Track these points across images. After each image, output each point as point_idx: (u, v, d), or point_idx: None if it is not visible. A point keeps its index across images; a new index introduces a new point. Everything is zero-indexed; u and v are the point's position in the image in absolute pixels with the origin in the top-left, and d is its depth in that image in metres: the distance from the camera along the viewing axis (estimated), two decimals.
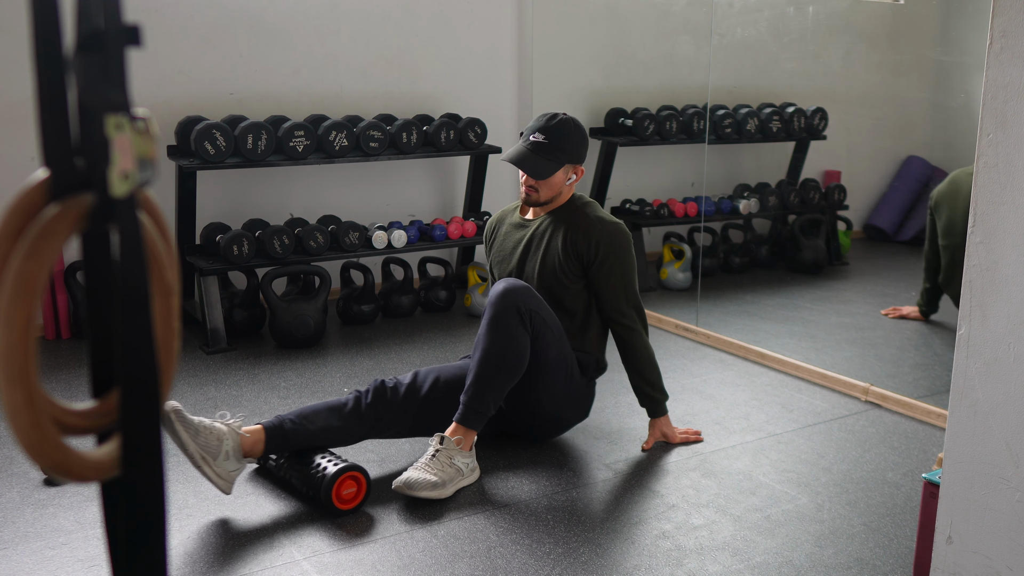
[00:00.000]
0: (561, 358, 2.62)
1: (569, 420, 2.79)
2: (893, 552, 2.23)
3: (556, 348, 2.59)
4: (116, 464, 0.75)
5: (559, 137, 2.68)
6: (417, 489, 2.38)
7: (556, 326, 2.60)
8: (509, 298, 2.49)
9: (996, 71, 1.63)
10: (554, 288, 2.73)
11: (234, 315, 3.84)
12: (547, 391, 2.64)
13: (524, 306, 2.50)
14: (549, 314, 2.58)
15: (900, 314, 4.22)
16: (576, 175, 2.76)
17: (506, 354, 2.49)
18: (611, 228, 2.71)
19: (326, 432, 2.48)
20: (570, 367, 2.66)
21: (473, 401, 2.50)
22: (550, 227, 2.77)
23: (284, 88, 4.19)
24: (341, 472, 2.34)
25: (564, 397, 2.69)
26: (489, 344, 2.49)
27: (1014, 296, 1.64)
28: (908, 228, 5.71)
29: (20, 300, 0.69)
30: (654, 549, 2.23)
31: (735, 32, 5.16)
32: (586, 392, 2.78)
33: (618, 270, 2.71)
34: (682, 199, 5.03)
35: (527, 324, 2.51)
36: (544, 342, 2.56)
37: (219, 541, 2.24)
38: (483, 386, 2.49)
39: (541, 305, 2.56)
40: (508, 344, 2.48)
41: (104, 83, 0.69)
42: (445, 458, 2.46)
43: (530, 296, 2.53)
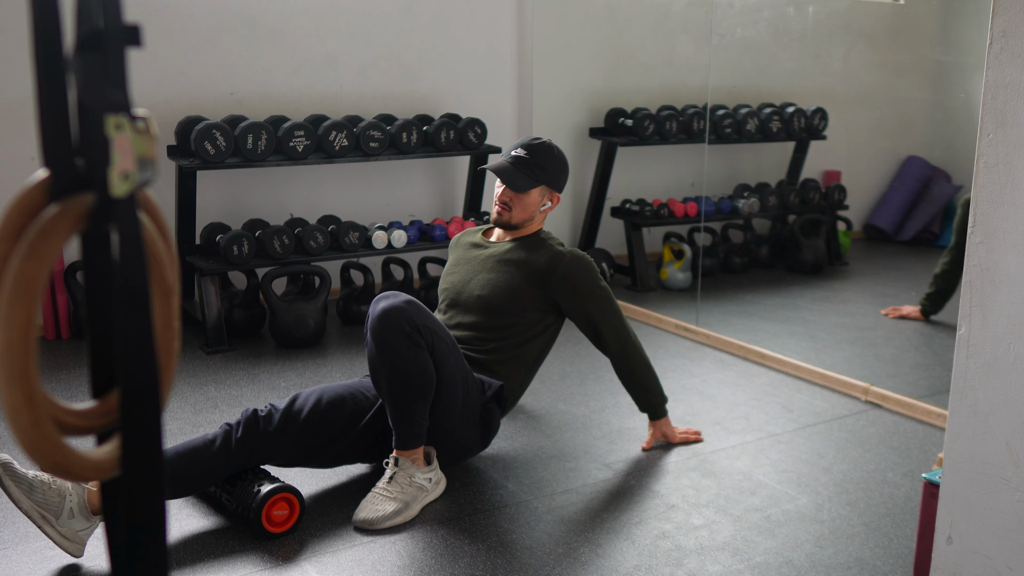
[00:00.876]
0: (458, 372, 2.43)
1: (467, 444, 2.56)
2: (893, 552, 2.23)
3: (452, 362, 2.40)
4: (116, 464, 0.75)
5: (541, 156, 2.66)
6: (380, 523, 2.30)
7: (448, 339, 2.42)
8: (390, 320, 2.29)
9: (996, 71, 1.63)
10: (497, 311, 2.63)
11: (234, 315, 3.84)
12: (445, 407, 2.43)
13: (409, 324, 2.29)
14: (438, 325, 2.40)
15: (900, 314, 4.22)
16: (551, 202, 2.72)
17: (409, 376, 2.31)
18: (579, 261, 2.64)
19: (193, 477, 2.27)
20: (467, 383, 2.47)
21: (403, 426, 2.36)
22: (512, 252, 2.68)
23: (284, 88, 4.19)
24: (272, 494, 2.23)
25: (461, 416, 2.47)
26: (388, 373, 2.31)
27: (1014, 296, 1.64)
28: (908, 228, 5.71)
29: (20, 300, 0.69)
30: (654, 549, 2.23)
31: (735, 32, 5.16)
32: (484, 415, 2.56)
33: (594, 305, 2.64)
34: (682, 199, 5.03)
35: (418, 340, 2.31)
36: (440, 355, 2.36)
37: (219, 541, 2.24)
38: (404, 413, 2.35)
39: (427, 317, 2.36)
40: (407, 367, 2.30)
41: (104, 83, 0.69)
42: (404, 478, 2.37)
43: (414, 310, 2.33)
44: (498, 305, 2.63)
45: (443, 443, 2.50)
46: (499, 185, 2.69)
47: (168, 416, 2.98)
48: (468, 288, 2.69)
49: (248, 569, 2.12)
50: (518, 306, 2.63)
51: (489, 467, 2.67)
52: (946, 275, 4.02)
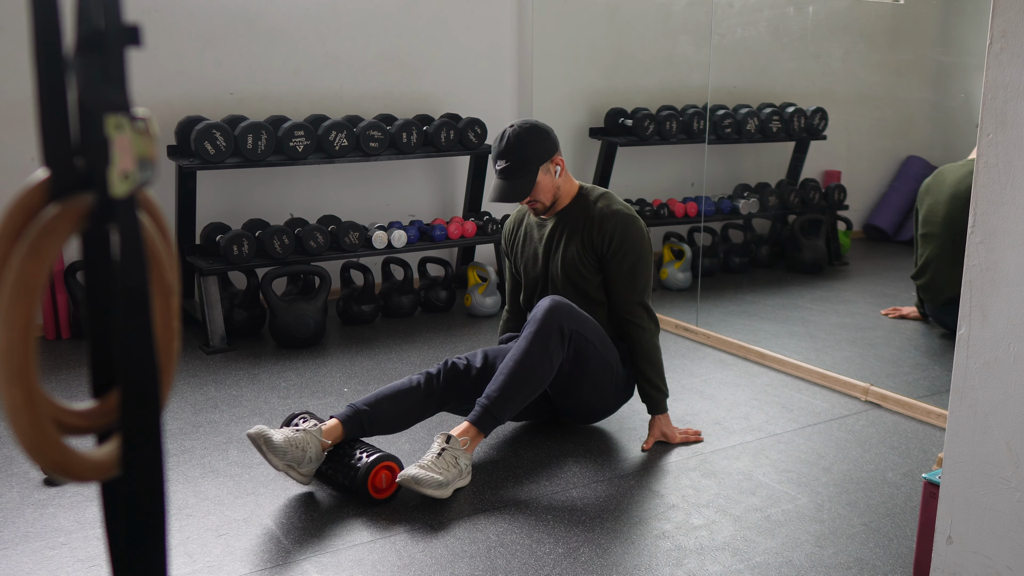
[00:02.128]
0: (603, 364, 2.68)
1: (616, 407, 2.89)
2: (893, 552, 2.23)
3: (597, 358, 2.66)
4: (116, 464, 0.75)
5: (517, 152, 2.69)
6: (424, 486, 2.38)
7: (599, 335, 2.67)
8: (554, 316, 2.56)
9: (996, 71, 1.63)
10: (578, 282, 2.79)
11: (234, 315, 3.84)
12: (592, 393, 2.74)
13: (567, 326, 2.56)
14: (591, 327, 2.65)
15: (900, 314, 4.22)
16: (559, 165, 2.76)
17: (538, 368, 2.54)
18: (625, 221, 2.74)
19: (401, 416, 2.60)
20: (614, 368, 2.73)
21: (494, 406, 2.53)
22: (567, 224, 2.81)
23: (284, 88, 4.19)
24: (377, 462, 2.40)
25: (610, 394, 2.79)
26: (525, 355, 2.54)
27: (1014, 296, 1.64)
28: (908, 228, 5.71)
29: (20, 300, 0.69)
30: (654, 549, 2.23)
31: (735, 32, 5.16)
32: (627, 380, 2.84)
33: (629, 263, 2.74)
34: (682, 199, 5.03)
35: (566, 344, 2.57)
36: (585, 356, 2.62)
37: (219, 541, 2.24)
38: (508, 393, 2.53)
39: (583, 322, 2.62)
40: (543, 359, 2.54)
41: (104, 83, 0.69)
42: (451, 457, 2.46)
43: (573, 315, 2.60)
44: (576, 279, 2.79)
45: (597, 413, 2.86)
46: None
47: (168, 416, 2.98)
48: (550, 274, 2.86)
49: (248, 569, 2.12)
50: (587, 271, 2.78)
51: (489, 467, 2.67)
52: None
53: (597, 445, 2.84)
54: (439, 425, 2.87)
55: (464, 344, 3.83)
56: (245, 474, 2.59)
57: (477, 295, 4.22)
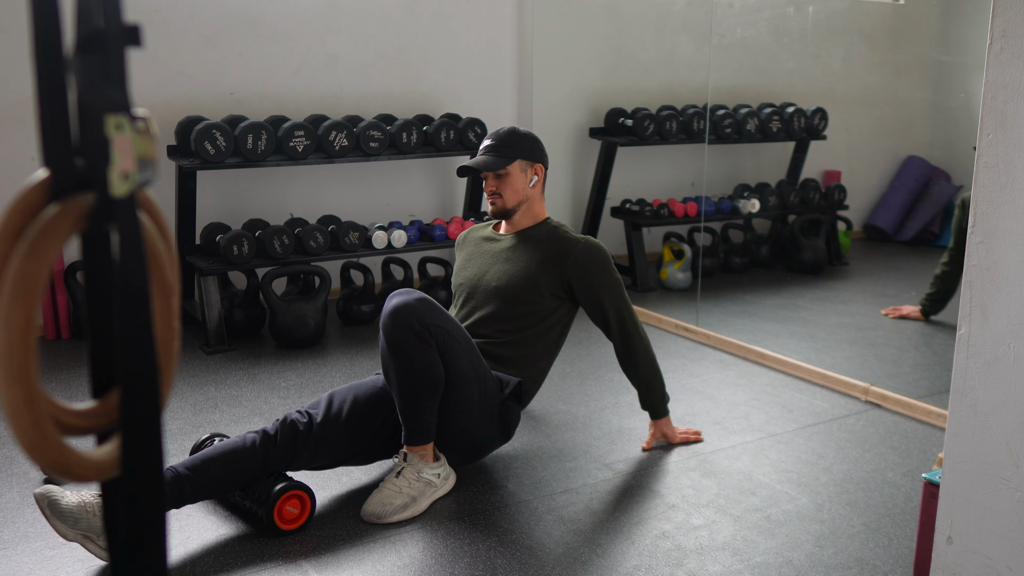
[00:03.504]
0: (473, 369, 2.43)
1: (486, 441, 2.57)
2: (893, 552, 2.23)
3: (466, 359, 2.40)
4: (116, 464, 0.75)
5: (506, 138, 2.70)
6: (388, 517, 2.32)
7: (462, 336, 2.42)
8: (400, 317, 2.29)
9: (996, 71, 1.63)
10: (516, 301, 2.64)
11: (234, 315, 3.84)
12: (460, 404, 2.43)
13: (419, 322, 2.29)
14: (452, 323, 2.40)
15: (900, 314, 4.22)
16: (537, 175, 2.73)
17: (418, 374, 2.32)
18: (591, 245, 2.67)
19: (233, 481, 2.28)
20: (484, 381, 2.47)
21: (411, 423, 2.38)
22: (523, 243, 2.72)
23: (284, 88, 4.19)
24: (283, 492, 2.25)
25: (479, 413, 2.48)
26: (397, 370, 2.32)
27: (1014, 296, 1.64)
28: (908, 228, 5.71)
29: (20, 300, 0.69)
30: (654, 549, 2.23)
31: (735, 32, 5.16)
32: (503, 412, 2.56)
33: (605, 291, 2.66)
34: (682, 199, 5.03)
35: (427, 339, 2.31)
36: (452, 353, 2.36)
37: (219, 541, 2.24)
38: (412, 408, 2.36)
39: (439, 315, 2.36)
40: (415, 365, 2.31)
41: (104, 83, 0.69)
42: (412, 473, 2.38)
43: (425, 308, 2.32)
44: (516, 293, 2.65)
45: (461, 441, 2.50)
46: (484, 181, 2.74)
47: (168, 416, 2.98)
48: (485, 280, 2.72)
49: (248, 569, 2.12)
50: (535, 292, 2.64)
51: (489, 467, 2.67)
52: (946, 276, 4.02)
53: (597, 445, 2.84)
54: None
55: None
56: None
57: None
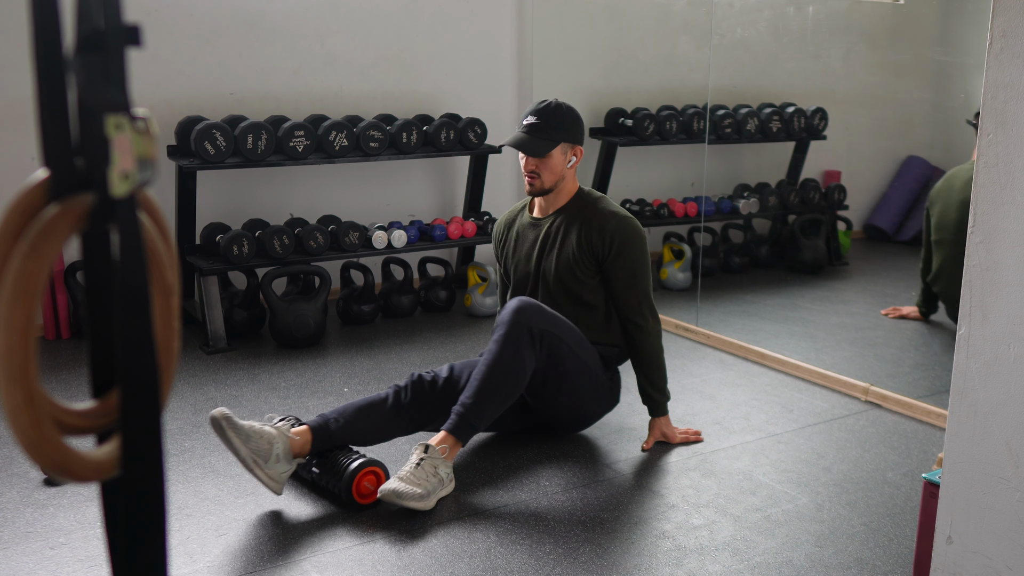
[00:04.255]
0: (580, 365, 2.64)
1: (599, 413, 2.84)
2: (893, 552, 2.23)
3: (573, 359, 2.61)
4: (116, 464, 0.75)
5: (552, 117, 2.71)
6: (405, 499, 2.35)
7: (572, 335, 2.62)
8: (522, 318, 2.52)
9: (996, 71, 1.63)
10: (571, 285, 2.76)
11: (234, 315, 3.84)
12: (571, 397, 2.69)
13: (536, 326, 2.52)
14: (563, 326, 2.60)
15: (900, 314, 4.22)
16: (576, 156, 2.77)
17: (511, 372, 2.50)
18: (625, 222, 2.73)
19: (369, 429, 2.54)
20: (592, 370, 2.68)
21: (470, 413, 2.49)
22: (563, 224, 2.79)
23: (284, 88, 4.19)
24: (361, 468, 2.38)
25: (590, 398, 2.74)
26: (497, 359, 2.50)
27: (1014, 296, 1.64)
28: (908, 228, 5.71)
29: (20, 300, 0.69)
30: (654, 549, 2.23)
31: (735, 32, 5.16)
32: (611, 386, 2.82)
33: (630, 265, 2.73)
34: (682, 199, 5.03)
35: (537, 345, 2.53)
36: (559, 356, 2.58)
37: (219, 541, 2.24)
38: (483, 400, 2.49)
39: (553, 321, 2.58)
40: (515, 363, 2.50)
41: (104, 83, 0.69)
42: (430, 467, 2.42)
43: (543, 315, 2.56)
44: (569, 281, 2.76)
45: (575, 418, 2.79)
46: (522, 158, 2.76)
47: (168, 416, 2.98)
48: (542, 273, 2.82)
49: (248, 569, 2.12)
50: (582, 273, 2.75)
51: (489, 467, 2.67)
52: (925, 271, 4.04)
53: (597, 445, 2.84)
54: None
55: (464, 344, 3.83)
56: (245, 474, 2.58)
57: (477, 295, 4.22)
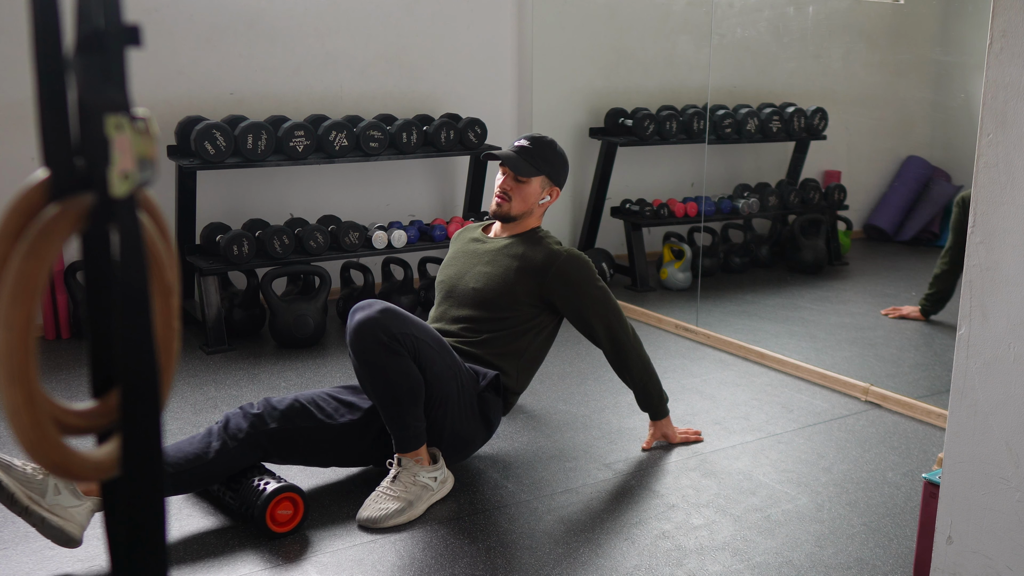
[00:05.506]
0: (447, 368, 2.41)
1: (468, 437, 2.56)
2: (893, 552, 2.23)
3: (439, 360, 2.38)
4: (116, 464, 0.75)
5: (543, 149, 2.70)
6: (385, 522, 2.30)
7: (433, 338, 2.39)
8: (365, 332, 2.27)
9: (996, 71, 1.63)
10: (491, 304, 2.62)
11: (234, 315, 3.84)
12: (440, 405, 2.42)
13: (385, 333, 2.27)
14: (420, 327, 2.37)
15: (900, 314, 4.22)
16: (550, 196, 2.74)
17: (394, 384, 2.30)
18: (575, 261, 2.64)
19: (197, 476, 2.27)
20: (460, 378, 2.45)
21: (399, 431, 2.36)
22: (510, 248, 2.69)
23: (284, 88, 4.19)
24: (277, 493, 2.23)
25: (459, 410, 2.47)
26: (373, 384, 2.32)
27: (1014, 296, 1.64)
28: (908, 228, 5.71)
29: (20, 300, 0.69)
30: (654, 549, 2.23)
31: (735, 32, 5.16)
32: (482, 406, 2.55)
33: (590, 304, 2.63)
34: (682, 199, 5.03)
35: (398, 348, 2.28)
36: (426, 357, 2.34)
37: (219, 541, 2.24)
38: (397, 419, 2.35)
39: (405, 322, 2.32)
40: (388, 376, 2.30)
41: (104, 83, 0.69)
42: (408, 477, 2.36)
43: (389, 318, 2.29)
44: (492, 298, 2.62)
45: (444, 439, 2.49)
46: (500, 175, 2.71)
47: (168, 416, 2.98)
48: (463, 281, 2.70)
49: (248, 569, 2.12)
50: (512, 299, 2.62)
51: (489, 467, 2.67)
52: (945, 276, 4.02)
53: (597, 445, 2.84)
54: None
55: None
56: None
57: None
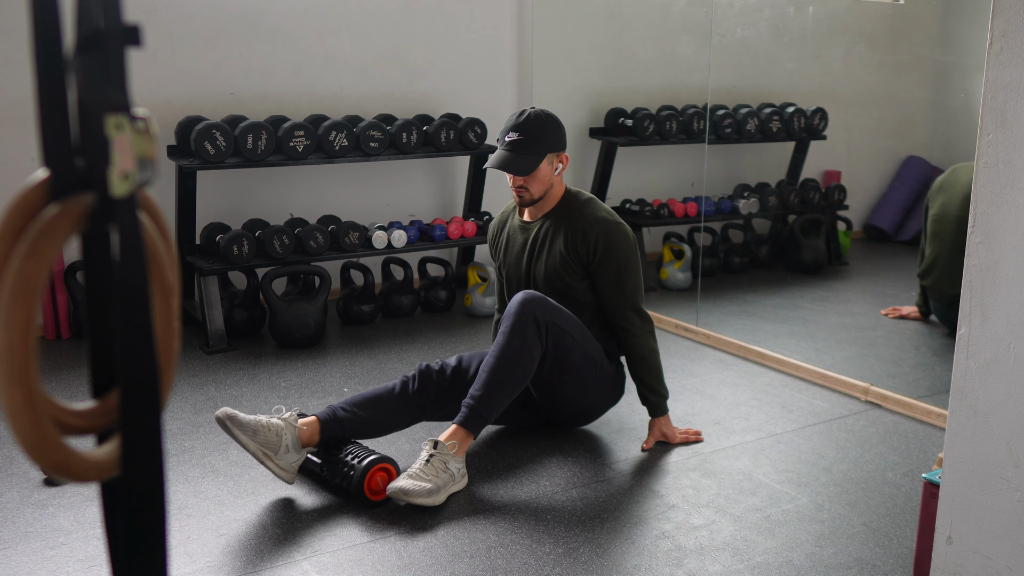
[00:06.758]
0: (585, 357, 2.66)
1: (604, 407, 2.86)
2: (893, 552, 2.23)
3: (578, 351, 2.64)
4: (116, 464, 0.75)
5: (534, 130, 2.69)
6: (413, 496, 2.36)
7: (576, 328, 2.65)
8: (527, 308, 2.55)
9: (996, 71, 1.63)
10: (561, 288, 2.76)
11: (234, 315, 3.84)
12: (576, 390, 2.71)
13: (542, 317, 2.55)
14: (567, 319, 2.63)
15: (900, 314, 4.22)
16: (562, 163, 2.76)
17: (519, 362, 2.53)
18: (609, 228, 2.72)
19: (377, 419, 2.58)
20: (597, 362, 2.71)
21: (480, 405, 2.51)
22: (551, 228, 2.78)
23: (284, 88, 4.19)
24: (373, 464, 2.39)
25: (595, 391, 2.76)
26: (504, 349, 2.53)
27: (1014, 296, 1.64)
28: (908, 228, 5.71)
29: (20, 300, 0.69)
30: (654, 549, 2.23)
31: (735, 32, 5.16)
32: (615, 377, 2.83)
33: (614, 271, 2.72)
34: (682, 199, 5.03)
35: (542, 336, 2.56)
36: (564, 348, 2.60)
37: (219, 541, 2.24)
38: (492, 391, 2.52)
39: (558, 313, 2.60)
40: (522, 351, 2.53)
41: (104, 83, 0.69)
42: (439, 463, 2.44)
43: (547, 307, 2.58)
44: (559, 285, 2.76)
45: (581, 411, 2.81)
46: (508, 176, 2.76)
47: (168, 416, 2.98)
48: (534, 276, 2.82)
49: (248, 569, 2.12)
50: (569, 276, 2.75)
51: (489, 467, 2.67)
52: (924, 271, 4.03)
53: (597, 445, 2.84)
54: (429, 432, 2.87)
55: (464, 344, 3.83)
56: (245, 474, 2.59)
57: (477, 295, 4.22)
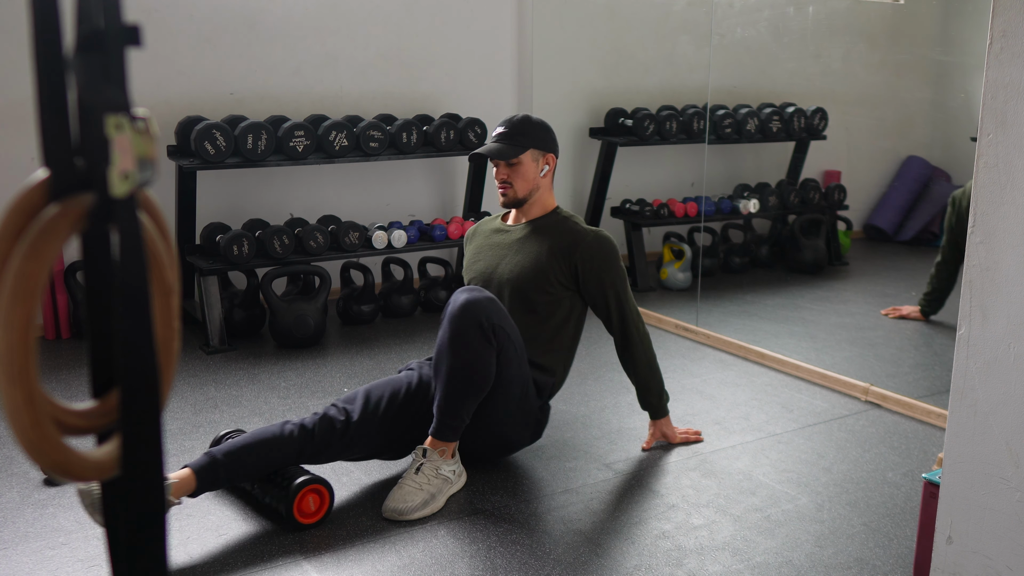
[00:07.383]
0: (520, 375, 2.50)
1: (518, 441, 2.65)
2: (893, 552, 2.23)
3: (516, 365, 2.47)
4: (116, 464, 0.75)
5: (520, 126, 2.69)
6: (409, 513, 2.34)
7: (518, 341, 2.48)
8: (471, 312, 2.35)
9: (996, 71, 1.63)
10: (529, 292, 2.64)
11: (234, 315, 3.84)
12: (501, 407, 2.50)
13: (487, 320, 2.36)
14: (512, 328, 2.46)
15: (900, 314, 4.22)
16: (548, 165, 2.72)
17: (472, 370, 2.37)
18: (603, 240, 2.67)
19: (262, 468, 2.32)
20: (526, 386, 2.54)
21: (447, 416, 2.41)
22: (533, 233, 2.71)
23: (284, 88, 4.19)
24: (303, 485, 2.27)
25: (517, 417, 2.56)
26: (453, 362, 2.37)
27: (1014, 296, 1.64)
28: (908, 228, 5.71)
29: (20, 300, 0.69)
30: (654, 549, 2.23)
31: (735, 32, 5.16)
32: (539, 416, 2.66)
33: (613, 286, 2.66)
34: (682, 199, 5.03)
35: (491, 338, 2.37)
36: (507, 357, 2.43)
37: (219, 541, 2.24)
38: (454, 403, 2.40)
39: (504, 318, 2.43)
40: (472, 361, 2.36)
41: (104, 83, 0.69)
42: (431, 470, 2.41)
43: (493, 309, 2.39)
44: (529, 284, 2.64)
45: (496, 440, 2.60)
46: (494, 168, 2.71)
47: (168, 416, 2.98)
48: (497, 272, 2.71)
49: (248, 569, 2.12)
50: (546, 282, 2.63)
51: (489, 467, 2.67)
52: (940, 273, 4.02)
53: (597, 445, 2.84)
54: None
55: None
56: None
57: None
